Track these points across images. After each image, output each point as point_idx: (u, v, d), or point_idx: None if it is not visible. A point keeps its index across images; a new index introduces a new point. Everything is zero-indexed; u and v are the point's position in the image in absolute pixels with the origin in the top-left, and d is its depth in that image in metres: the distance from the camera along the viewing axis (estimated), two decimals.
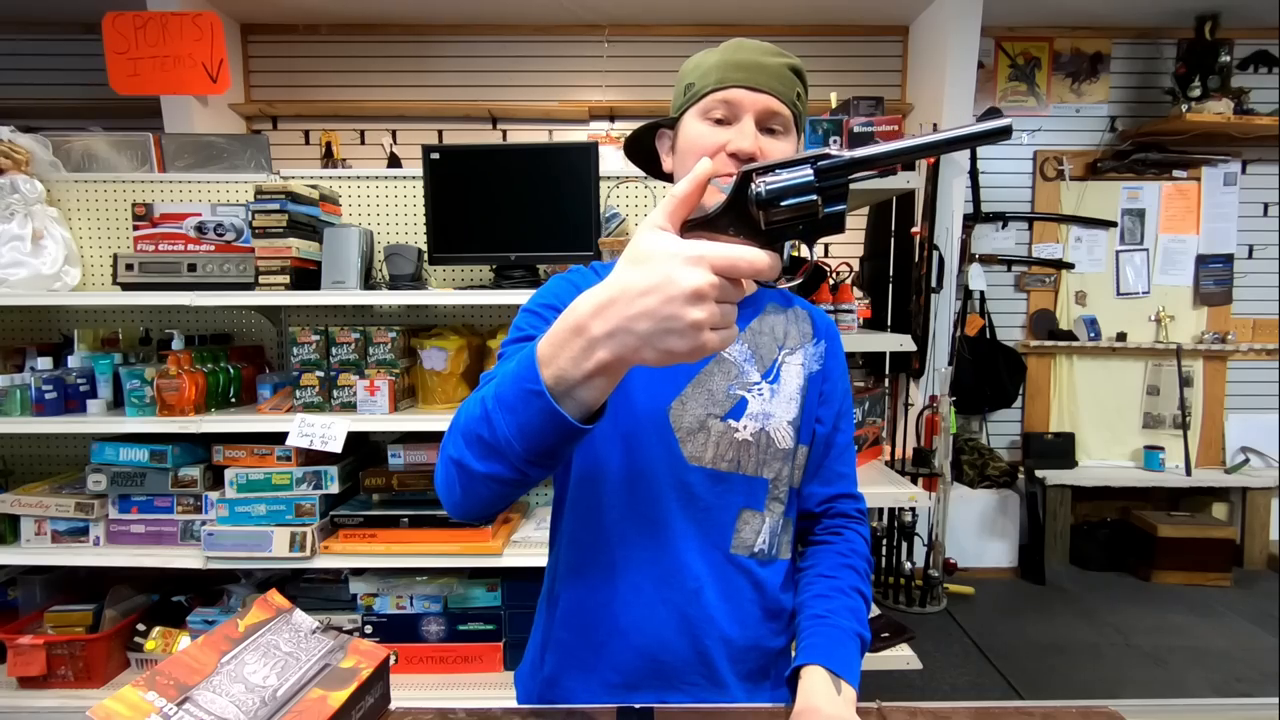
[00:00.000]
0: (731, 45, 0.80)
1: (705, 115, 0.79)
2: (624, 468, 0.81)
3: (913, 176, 1.84)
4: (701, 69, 0.80)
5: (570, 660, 0.84)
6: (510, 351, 0.75)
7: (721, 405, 0.82)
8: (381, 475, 1.82)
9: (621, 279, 0.48)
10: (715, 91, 0.78)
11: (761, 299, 0.90)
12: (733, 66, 0.78)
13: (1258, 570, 3.58)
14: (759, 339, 0.87)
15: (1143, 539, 3.47)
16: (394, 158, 3.46)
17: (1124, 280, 3.75)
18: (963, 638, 2.87)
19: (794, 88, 0.79)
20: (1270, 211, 3.73)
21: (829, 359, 0.91)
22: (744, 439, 0.82)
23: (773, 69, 0.78)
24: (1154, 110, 3.66)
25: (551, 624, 0.86)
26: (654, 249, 0.47)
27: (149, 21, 2.34)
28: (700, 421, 0.81)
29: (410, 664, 1.86)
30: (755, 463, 0.83)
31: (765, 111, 0.77)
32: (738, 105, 0.77)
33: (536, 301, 0.82)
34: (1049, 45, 3.69)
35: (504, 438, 0.55)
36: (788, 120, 0.79)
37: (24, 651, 1.75)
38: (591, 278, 0.86)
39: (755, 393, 0.84)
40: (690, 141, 0.80)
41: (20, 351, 1.99)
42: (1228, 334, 3.70)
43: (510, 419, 0.54)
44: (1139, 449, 3.72)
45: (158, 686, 0.61)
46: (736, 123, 0.78)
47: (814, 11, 3.47)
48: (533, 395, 0.52)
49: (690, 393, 0.82)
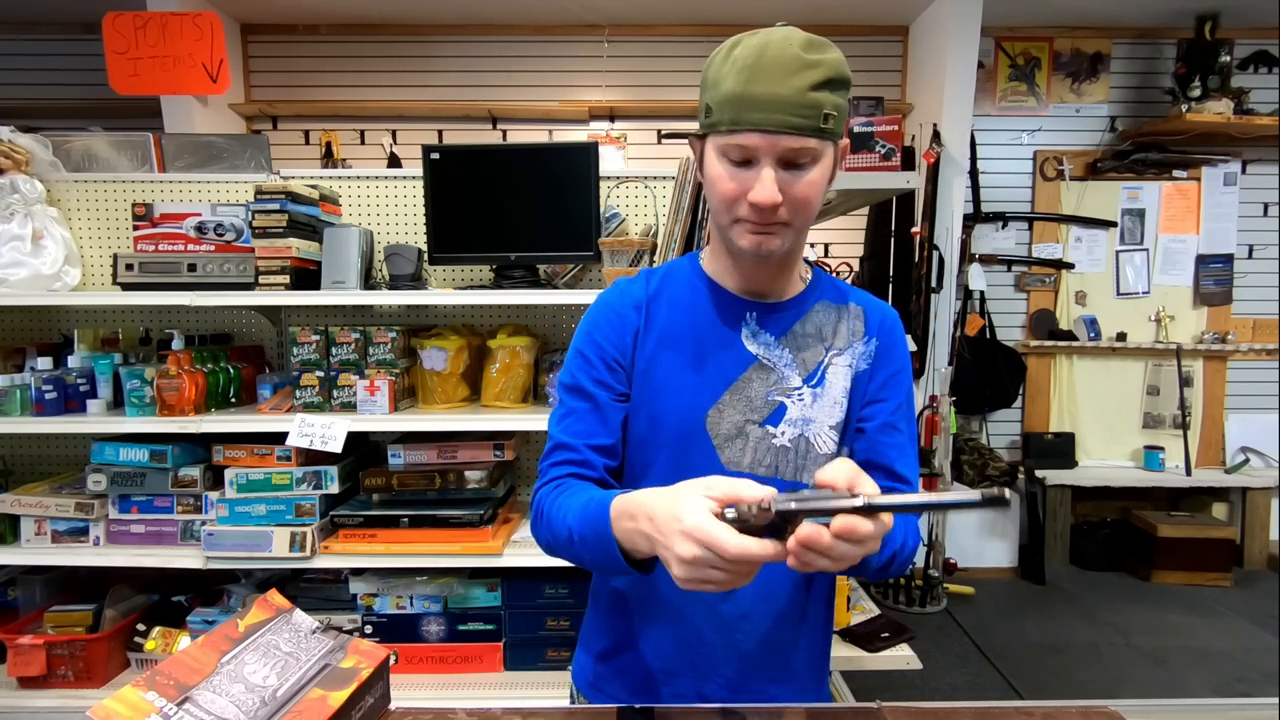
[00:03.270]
0: (749, 65, 0.70)
1: (723, 155, 0.74)
2: (665, 472, 0.82)
3: (913, 176, 1.84)
4: (719, 94, 0.72)
5: (620, 644, 0.90)
6: (563, 399, 0.87)
7: (760, 412, 0.82)
8: (381, 475, 1.82)
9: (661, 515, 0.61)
10: (730, 134, 0.72)
11: (809, 297, 0.87)
12: (749, 104, 0.70)
13: (1258, 570, 3.58)
14: (802, 341, 0.85)
15: (1143, 539, 3.47)
16: (394, 158, 3.46)
17: (1124, 280, 3.75)
18: (963, 638, 2.87)
19: (819, 111, 0.70)
20: (1270, 211, 3.73)
21: (879, 357, 0.86)
22: (782, 445, 0.82)
23: (792, 100, 0.69)
24: (1154, 110, 3.66)
25: (597, 614, 0.94)
26: (685, 509, 0.59)
27: (149, 21, 2.33)
28: (738, 428, 0.82)
29: (410, 664, 1.85)
30: (794, 468, 0.82)
31: (785, 153, 0.71)
32: (754, 150, 0.71)
33: (585, 341, 0.87)
34: (1049, 45, 3.69)
35: (584, 559, 0.76)
36: (816, 152, 0.72)
37: (24, 651, 1.75)
38: (632, 286, 0.89)
39: (795, 398, 0.83)
40: (712, 181, 0.76)
41: (20, 351, 1.99)
42: (1228, 334, 3.70)
43: (590, 555, 0.73)
44: (1139, 449, 3.72)
45: (158, 686, 0.61)
46: (755, 164, 0.73)
47: (814, 11, 3.47)
48: (613, 556, 0.68)
49: (728, 400, 0.82)
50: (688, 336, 0.84)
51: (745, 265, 0.83)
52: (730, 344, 0.84)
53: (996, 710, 0.73)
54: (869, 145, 1.81)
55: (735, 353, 0.83)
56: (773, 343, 0.84)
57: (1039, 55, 3.70)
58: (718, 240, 0.86)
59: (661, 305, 0.86)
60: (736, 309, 0.85)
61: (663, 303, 0.86)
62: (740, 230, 0.76)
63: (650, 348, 0.84)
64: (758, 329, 0.84)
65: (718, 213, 0.78)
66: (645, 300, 0.86)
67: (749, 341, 0.84)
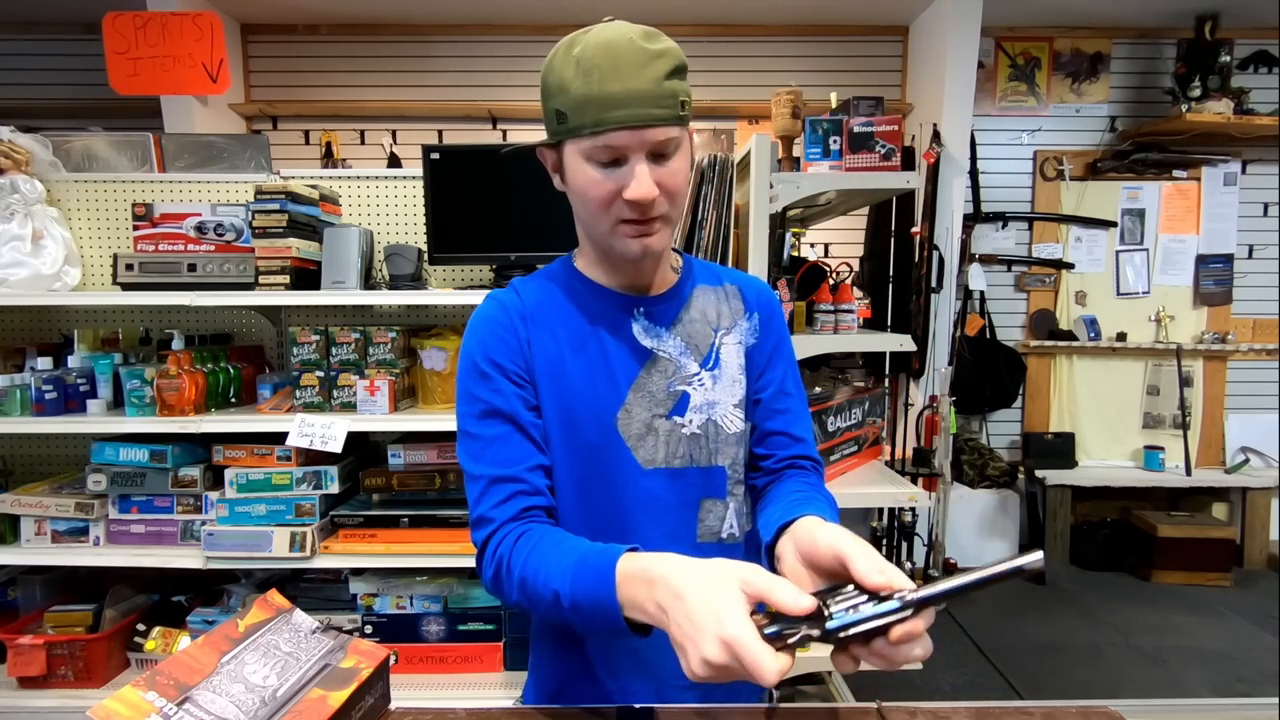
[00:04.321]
0: (598, 64, 0.69)
1: (589, 159, 0.72)
2: (584, 483, 0.81)
3: (912, 176, 1.83)
4: (571, 98, 0.70)
5: (563, 666, 0.86)
6: (477, 431, 0.78)
7: (664, 405, 0.82)
8: (381, 475, 1.82)
9: (695, 604, 0.55)
10: (594, 135, 0.70)
11: (686, 284, 0.87)
12: (609, 103, 0.68)
13: (1258, 570, 3.58)
14: (691, 327, 0.85)
15: (1142, 539, 3.46)
16: (394, 158, 3.46)
17: (1124, 280, 3.75)
18: (962, 637, 2.87)
19: (677, 98, 0.71)
20: (1270, 211, 3.73)
21: (762, 329, 0.89)
22: (691, 433, 0.83)
23: (649, 92, 0.69)
24: (1154, 110, 3.66)
25: (540, 635, 0.89)
26: (726, 611, 0.53)
27: (149, 21, 2.34)
28: (647, 425, 0.81)
29: (410, 664, 1.86)
30: (708, 453, 0.83)
31: (654, 146, 0.71)
32: (623, 148, 0.70)
33: (481, 362, 0.79)
34: (1049, 45, 3.69)
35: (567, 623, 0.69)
36: (678, 139, 0.73)
37: (24, 651, 1.75)
38: (511, 297, 0.84)
39: (696, 384, 0.83)
40: (582, 188, 0.74)
41: (20, 351, 1.99)
42: (1228, 334, 3.70)
43: (580, 621, 0.67)
44: (1139, 449, 3.72)
45: (158, 686, 0.61)
46: (625, 163, 0.72)
47: (814, 11, 3.47)
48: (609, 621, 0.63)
49: (633, 399, 0.82)
50: (580, 341, 0.82)
51: (626, 266, 0.82)
52: (624, 342, 0.83)
53: (996, 710, 0.73)
54: (869, 145, 1.80)
55: (631, 350, 0.82)
56: (664, 334, 0.84)
57: (1039, 55, 3.70)
58: (591, 246, 0.84)
59: (546, 313, 0.83)
60: (623, 307, 0.84)
61: (548, 311, 0.83)
62: (621, 235, 0.75)
63: (545, 357, 0.81)
64: (647, 323, 0.84)
65: (594, 219, 0.76)
66: (528, 310, 0.83)
67: (642, 337, 0.83)
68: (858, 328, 2.01)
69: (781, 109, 1.90)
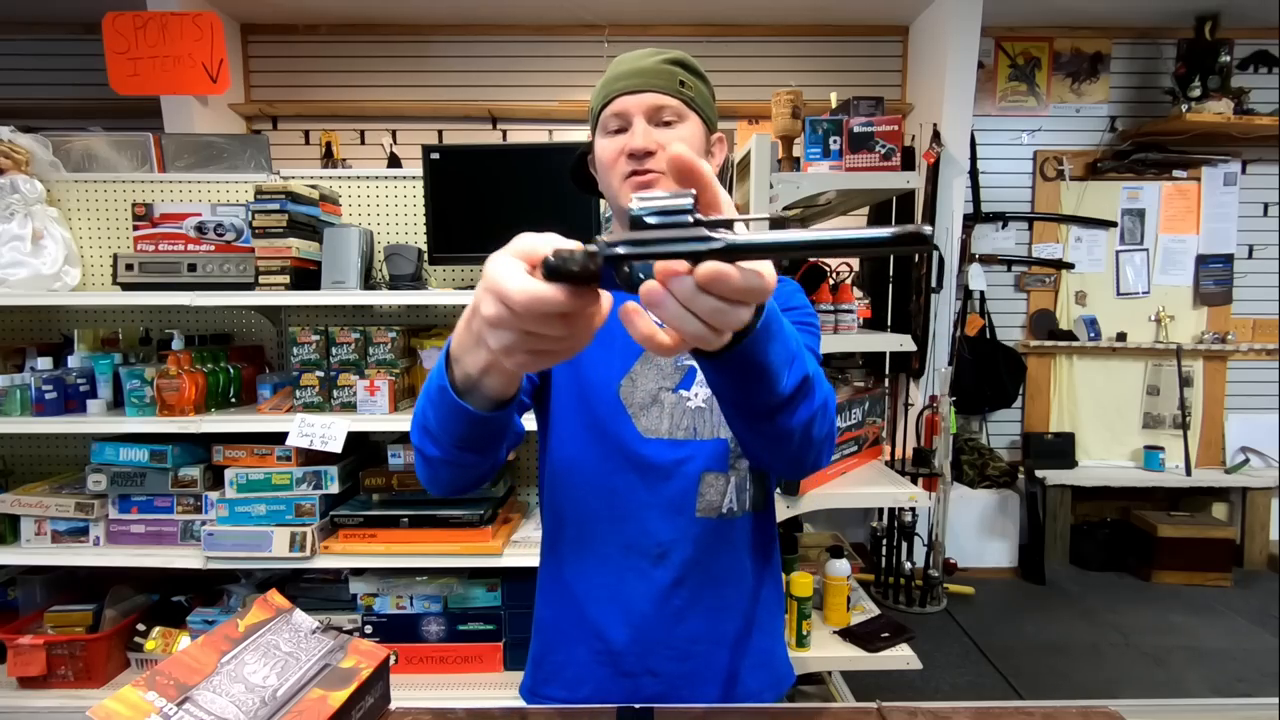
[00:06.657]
0: (613, 63, 0.85)
1: (605, 131, 0.83)
2: (583, 450, 0.84)
3: (912, 176, 1.84)
4: (596, 94, 0.85)
5: (556, 637, 0.89)
6: None
7: (671, 378, 0.85)
8: (381, 475, 1.82)
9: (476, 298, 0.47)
10: (605, 107, 0.82)
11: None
12: (614, 80, 0.82)
13: (1258, 570, 3.58)
14: None
15: (1142, 539, 3.46)
16: (394, 158, 3.46)
17: (1124, 280, 3.75)
18: (962, 638, 2.87)
19: (675, 78, 0.82)
20: (1270, 211, 3.73)
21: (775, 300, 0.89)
22: (697, 406, 0.85)
23: (650, 68, 0.81)
24: (1154, 110, 3.66)
25: (537, 606, 0.92)
26: (488, 266, 0.44)
27: (149, 21, 2.34)
28: (652, 396, 0.84)
29: (410, 664, 1.85)
30: (711, 426, 0.85)
31: (651, 108, 0.81)
32: (626, 112, 0.81)
33: None
34: (1049, 45, 3.69)
35: (435, 428, 0.61)
36: (679, 109, 0.82)
37: (24, 651, 1.75)
38: None
39: None
40: (599, 158, 0.84)
41: (20, 351, 1.99)
42: (1228, 334, 3.70)
43: (435, 413, 0.60)
44: (1139, 449, 3.72)
45: (158, 686, 0.61)
46: (630, 127, 0.81)
47: (814, 11, 3.47)
48: (444, 390, 0.56)
49: (639, 369, 0.85)
50: None
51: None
52: None
53: (996, 710, 0.73)
54: (869, 145, 1.80)
55: None
56: None
57: (1039, 55, 3.70)
58: (616, 222, 0.94)
59: None
60: None
61: None
62: (626, 190, 0.81)
63: None
64: None
65: (609, 182, 0.83)
66: None
67: None
68: (858, 328, 2.01)
69: (781, 109, 1.90)
